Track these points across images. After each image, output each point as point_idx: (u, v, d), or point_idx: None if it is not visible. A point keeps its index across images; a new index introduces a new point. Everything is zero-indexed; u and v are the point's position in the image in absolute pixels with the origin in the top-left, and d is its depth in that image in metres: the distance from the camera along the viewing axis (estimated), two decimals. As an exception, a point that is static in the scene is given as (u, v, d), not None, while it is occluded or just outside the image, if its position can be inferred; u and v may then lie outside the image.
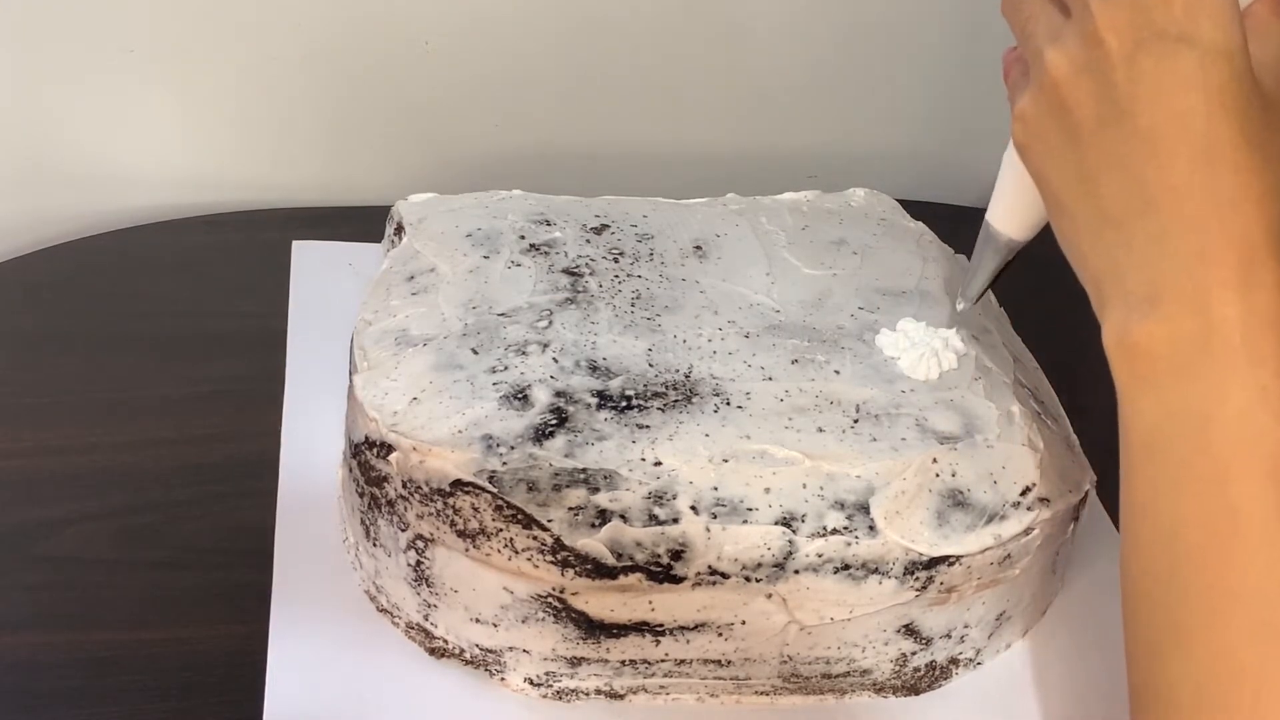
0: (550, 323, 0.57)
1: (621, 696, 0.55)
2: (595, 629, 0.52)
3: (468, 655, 0.54)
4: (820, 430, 0.53)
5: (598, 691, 0.54)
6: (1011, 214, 0.54)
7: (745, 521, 0.51)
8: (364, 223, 0.76)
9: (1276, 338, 0.42)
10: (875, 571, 0.51)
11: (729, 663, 0.54)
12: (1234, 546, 0.42)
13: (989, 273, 0.57)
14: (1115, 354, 0.45)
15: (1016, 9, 0.48)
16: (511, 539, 0.50)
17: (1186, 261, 0.43)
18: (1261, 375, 0.42)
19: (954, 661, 0.57)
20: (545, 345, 0.56)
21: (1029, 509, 0.54)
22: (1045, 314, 0.66)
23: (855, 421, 0.54)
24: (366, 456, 0.54)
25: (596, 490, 0.50)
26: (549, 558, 0.50)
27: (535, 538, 0.50)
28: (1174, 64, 0.43)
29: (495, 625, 0.53)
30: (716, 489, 0.51)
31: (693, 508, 0.51)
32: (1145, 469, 0.44)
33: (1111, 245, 0.45)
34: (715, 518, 0.50)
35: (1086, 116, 0.45)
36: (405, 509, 0.53)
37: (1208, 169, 0.43)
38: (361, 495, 0.55)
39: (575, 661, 0.53)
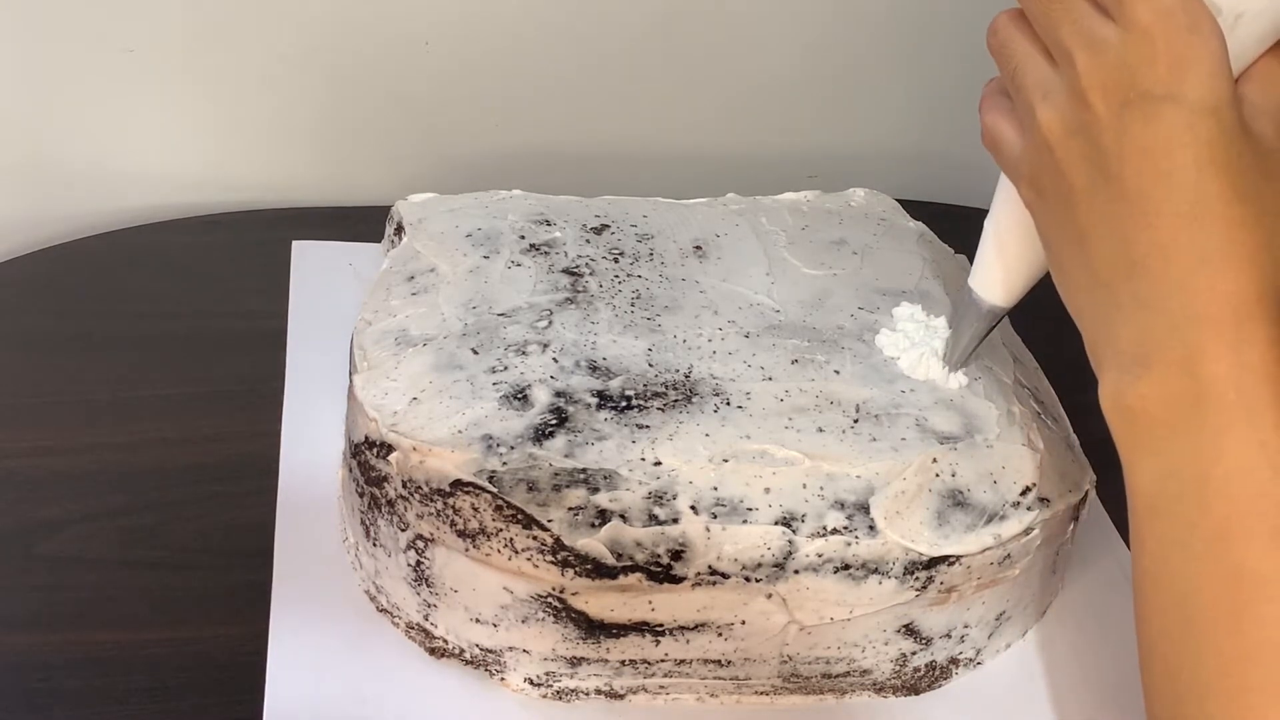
0: (550, 323, 0.57)
1: (621, 696, 0.55)
2: (595, 629, 0.52)
3: (468, 655, 0.54)
4: (820, 430, 0.53)
5: (598, 691, 0.54)
6: (999, 283, 0.54)
7: (745, 521, 0.51)
8: (364, 223, 0.76)
9: (1272, 393, 0.41)
10: (875, 571, 0.51)
11: (729, 663, 0.54)
12: (1244, 606, 0.41)
13: (974, 338, 0.56)
14: (1111, 415, 0.45)
15: (1005, 53, 0.47)
16: (511, 539, 0.50)
17: (1175, 321, 0.43)
18: (1259, 431, 0.41)
19: (954, 661, 0.57)
20: (545, 345, 0.56)
21: (1029, 509, 0.54)
22: (1045, 314, 0.66)
23: (855, 421, 0.54)
24: (366, 456, 0.54)
25: (596, 490, 0.50)
26: (549, 558, 0.50)
27: (535, 538, 0.50)
28: (1160, 124, 0.42)
29: (495, 625, 0.53)
30: (716, 489, 0.51)
31: (693, 508, 0.51)
32: (1151, 530, 0.44)
33: (1103, 306, 0.45)
34: (715, 518, 0.50)
35: (1078, 179, 0.45)
36: (405, 509, 0.53)
37: (1195, 227, 0.42)
38: (361, 495, 0.55)
39: (575, 661, 0.53)
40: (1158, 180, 0.42)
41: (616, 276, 0.61)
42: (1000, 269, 0.53)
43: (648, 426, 0.53)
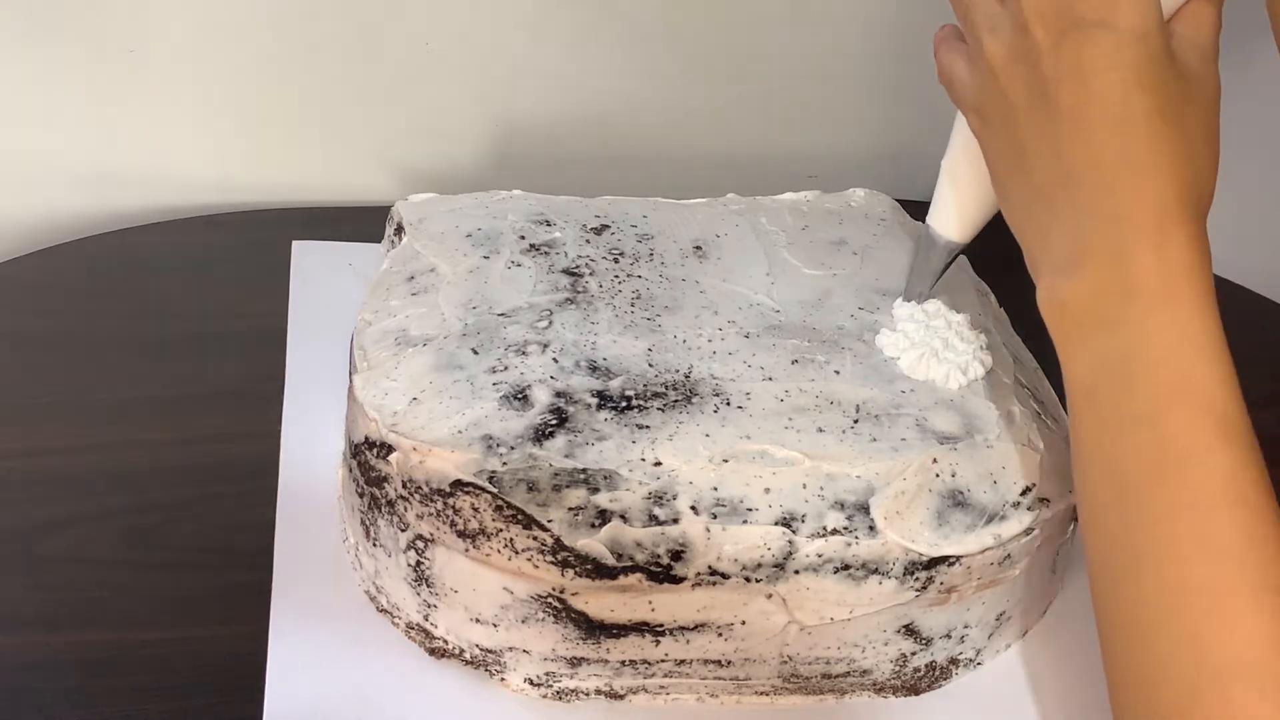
0: (550, 323, 0.57)
1: (621, 696, 0.55)
2: (595, 629, 0.52)
3: (468, 655, 0.54)
4: (820, 430, 0.53)
5: (598, 691, 0.54)
6: (955, 219, 0.58)
7: (745, 521, 0.51)
8: (364, 223, 0.76)
9: (1190, 285, 0.46)
10: (875, 571, 0.51)
11: (729, 663, 0.54)
12: (1172, 473, 0.45)
13: (933, 274, 0.60)
14: (1047, 313, 0.49)
15: None
16: (511, 539, 0.50)
17: (1104, 224, 0.47)
18: (1180, 318, 0.46)
19: (954, 661, 0.57)
20: (545, 345, 0.56)
21: (1029, 509, 0.54)
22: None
23: (855, 422, 0.54)
24: (366, 457, 0.54)
25: (596, 490, 0.50)
26: (549, 558, 0.50)
27: (535, 538, 0.50)
28: (1093, 47, 0.47)
29: (495, 625, 0.53)
30: (716, 489, 0.51)
31: (693, 508, 0.51)
32: (1087, 415, 0.48)
33: (1041, 217, 0.49)
34: (715, 518, 0.50)
35: (1020, 101, 0.49)
36: (405, 509, 0.53)
37: (1123, 139, 0.46)
38: (361, 495, 0.55)
39: (575, 661, 0.53)
40: (1090, 98, 0.47)
41: (616, 277, 0.61)
42: (954, 205, 0.58)
43: (648, 427, 0.53)
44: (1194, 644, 0.43)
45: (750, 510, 0.51)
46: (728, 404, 0.54)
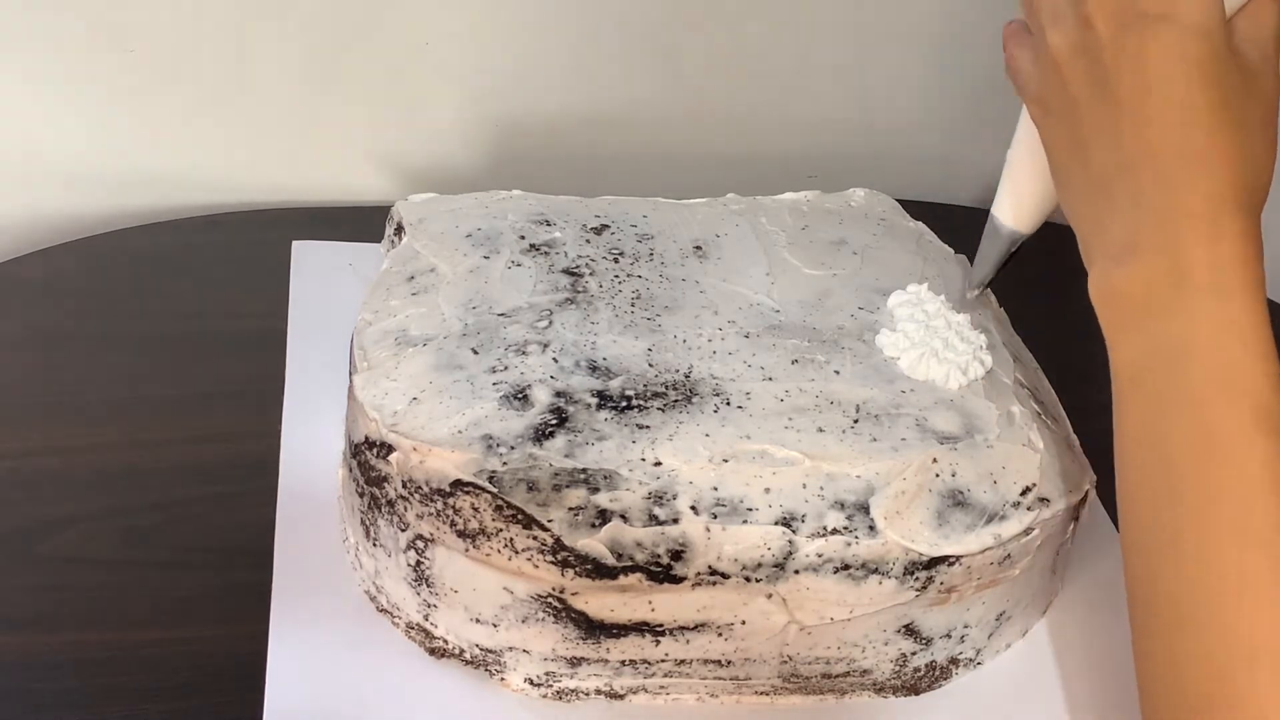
0: (550, 323, 0.57)
1: (621, 696, 0.55)
2: (595, 629, 0.52)
3: (468, 655, 0.54)
4: (820, 430, 0.53)
5: (598, 691, 0.54)
6: (1015, 208, 0.59)
7: (745, 521, 0.51)
8: (364, 223, 0.76)
9: (1241, 279, 0.46)
10: (875, 571, 0.52)
11: (729, 663, 0.54)
12: (1213, 460, 0.46)
13: (994, 263, 0.61)
14: (1098, 301, 0.50)
15: None
16: (511, 539, 0.50)
17: (1159, 215, 0.47)
18: (1229, 310, 0.46)
19: (954, 661, 0.57)
20: (545, 345, 0.56)
21: (1029, 509, 0.54)
22: (1045, 314, 0.66)
23: (855, 421, 0.54)
24: (366, 456, 0.54)
25: (596, 490, 0.50)
26: (549, 558, 0.50)
27: (535, 538, 0.50)
28: (1155, 40, 0.47)
29: (495, 625, 0.53)
30: (716, 489, 0.51)
31: (693, 508, 0.51)
32: (1132, 400, 0.49)
33: (1097, 206, 0.50)
34: (715, 518, 0.50)
35: (1081, 92, 0.50)
36: (405, 509, 0.53)
37: (1181, 132, 0.47)
38: (361, 495, 0.55)
39: (575, 661, 0.53)
40: (1150, 91, 0.48)
41: (616, 276, 0.61)
42: (1014, 194, 0.58)
43: (648, 426, 0.53)
44: (1224, 628, 0.44)
45: (750, 510, 0.51)
46: (728, 404, 0.54)
